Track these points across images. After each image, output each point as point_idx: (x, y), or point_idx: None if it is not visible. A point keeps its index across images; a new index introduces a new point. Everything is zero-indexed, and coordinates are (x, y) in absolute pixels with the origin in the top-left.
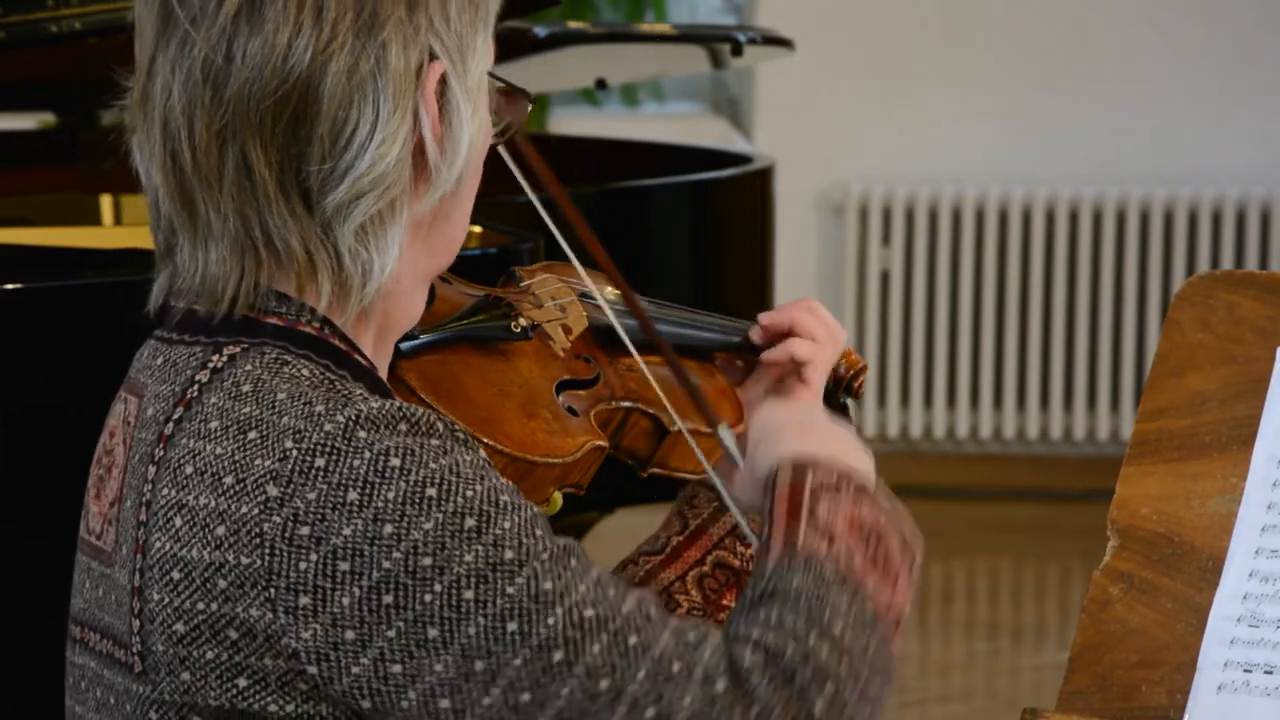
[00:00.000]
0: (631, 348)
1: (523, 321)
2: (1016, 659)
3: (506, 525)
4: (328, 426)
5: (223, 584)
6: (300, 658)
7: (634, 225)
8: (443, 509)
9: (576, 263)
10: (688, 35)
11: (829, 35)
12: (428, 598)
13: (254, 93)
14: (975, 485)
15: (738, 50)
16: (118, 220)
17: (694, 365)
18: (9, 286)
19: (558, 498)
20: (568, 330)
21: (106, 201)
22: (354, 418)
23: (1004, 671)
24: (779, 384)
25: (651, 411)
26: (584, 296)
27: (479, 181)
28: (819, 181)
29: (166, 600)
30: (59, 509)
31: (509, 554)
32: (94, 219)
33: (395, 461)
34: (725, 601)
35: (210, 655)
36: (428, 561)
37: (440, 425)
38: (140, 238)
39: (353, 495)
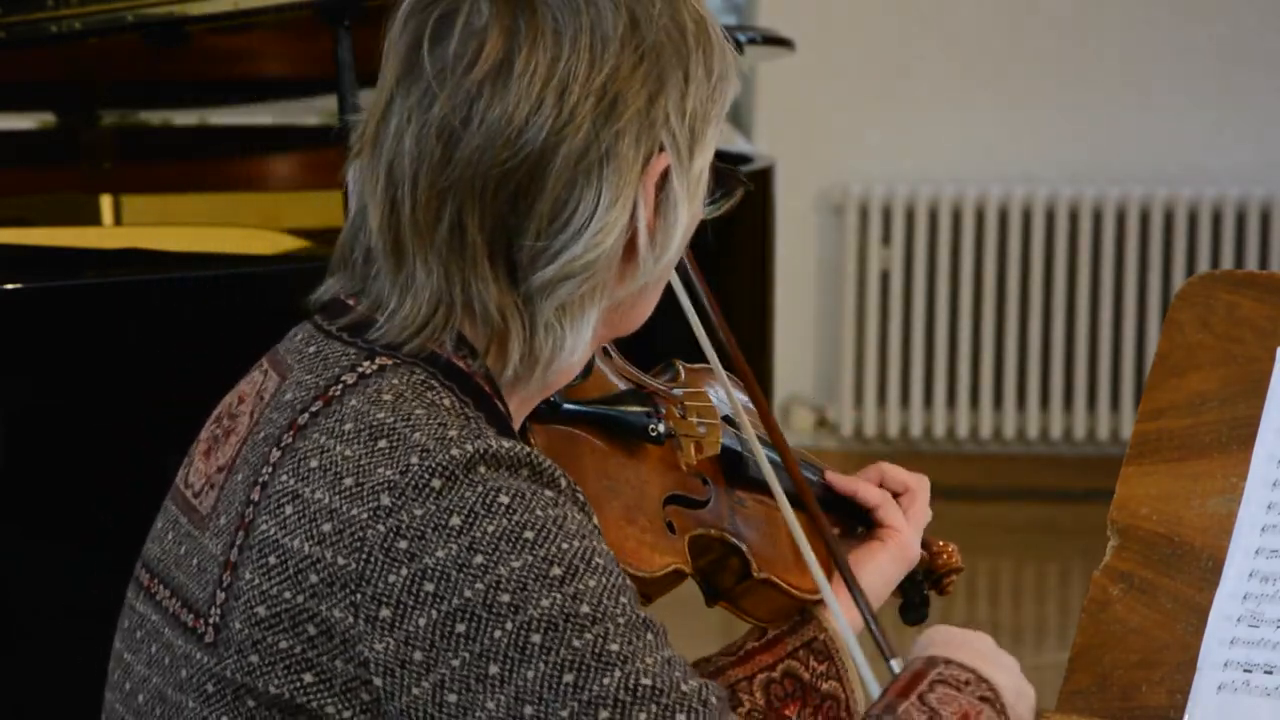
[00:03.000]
0: (777, 490)
1: (661, 428)
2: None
3: (591, 584)
4: (455, 451)
5: (314, 579)
6: (369, 667)
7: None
8: (534, 553)
9: (729, 388)
10: None
11: (829, 35)
12: (497, 634)
13: (484, 160)
14: (975, 485)
15: (738, 50)
16: (118, 220)
17: (803, 518)
18: (9, 286)
19: None
20: (699, 448)
21: (106, 201)
22: (482, 451)
23: None
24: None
25: (746, 553)
26: (725, 419)
27: (674, 266)
28: (819, 181)
29: (257, 582)
30: (59, 509)
31: (585, 609)
32: (94, 219)
33: (504, 500)
34: (787, 712)
35: (284, 645)
36: (506, 599)
37: (563, 481)
38: (140, 238)
39: (455, 520)
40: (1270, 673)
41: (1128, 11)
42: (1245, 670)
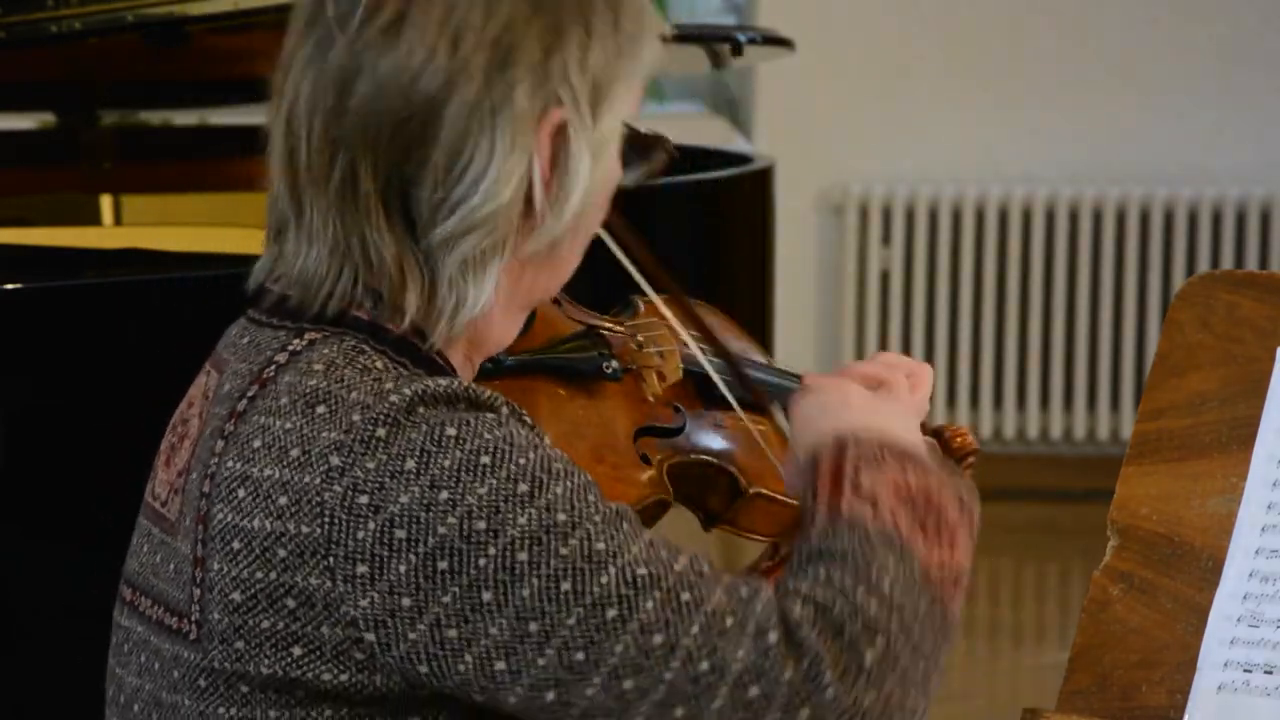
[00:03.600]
0: (734, 403)
1: (615, 363)
2: (1016, 659)
3: (559, 490)
4: (393, 398)
5: (282, 553)
6: (358, 625)
7: (633, 225)
8: (496, 475)
9: (695, 308)
10: (688, 35)
11: (829, 35)
12: (482, 562)
13: (377, 108)
14: (975, 485)
15: (738, 50)
16: (118, 220)
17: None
18: (9, 286)
19: None
20: (661, 377)
21: (106, 201)
22: (418, 393)
23: (1004, 671)
24: None
25: (732, 470)
26: (690, 341)
27: (597, 225)
28: (819, 181)
29: (226, 569)
30: (59, 509)
31: (562, 516)
32: (94, 219)
33: (451, 431)
34: None
35: (266, 624)
36: (482, 525)
37: (500, 402)
38: (140, 238)
39: (410, 464)
40: (1270, 673)
41: (1128, 11)
42: (1245, 670)
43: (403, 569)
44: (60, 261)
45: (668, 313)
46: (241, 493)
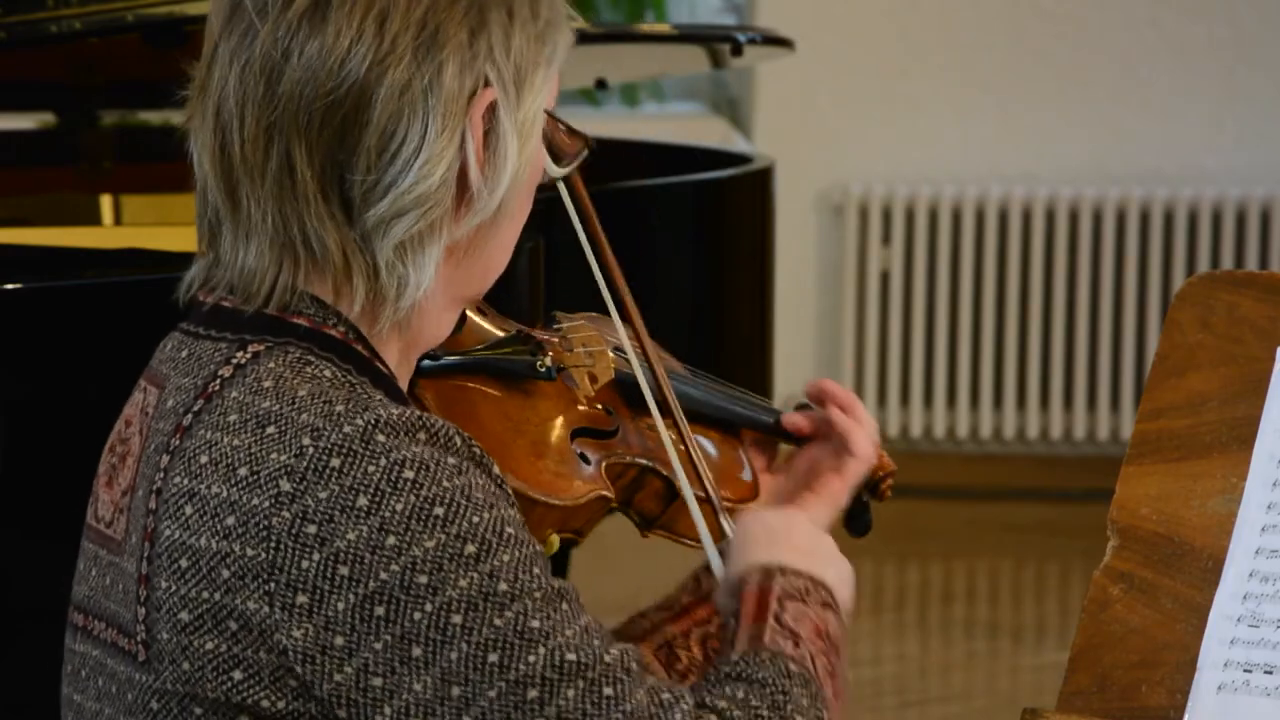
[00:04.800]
0: (654, 408)
1: (548, 362)
2: (1016, 659)
3: (505, 558)
4: (347, 428)
5: (226, 574)
6: (289, 655)
7: (634, 225)
8: (446, 530)
9: (616, 316)
10: (688, 35)
11: (829, 35)
12: (417, 616)
13: (306, 94)
14: (975, 485)
15: (738, 50)
16: (118, 220)
17: (716, 436)
18: (9, 286)
19: (555, 540)
20: (593, 379)
21: (106, 201)
22: (374, 421)
23: (1004, 671)
24: (805, 478)
25: (665, 474)
26: (617, 350)
27: (525, 215)
28: (819, 181)
29: (173, 588)
30: (59, 509)
31: (503, 586)
32: (94, 219)
33: (409, 474)
34: None
35: (210, 646)
36: (423, 580)
37: (459, 440)
38: (140, 238)
39: (363, 500)
40: (1270, 673)
41: (1128, 11)
42: (1245, 670)
43: (340, 606)
44: (60, 261)
45: (608, 297)
46: (189, 509)
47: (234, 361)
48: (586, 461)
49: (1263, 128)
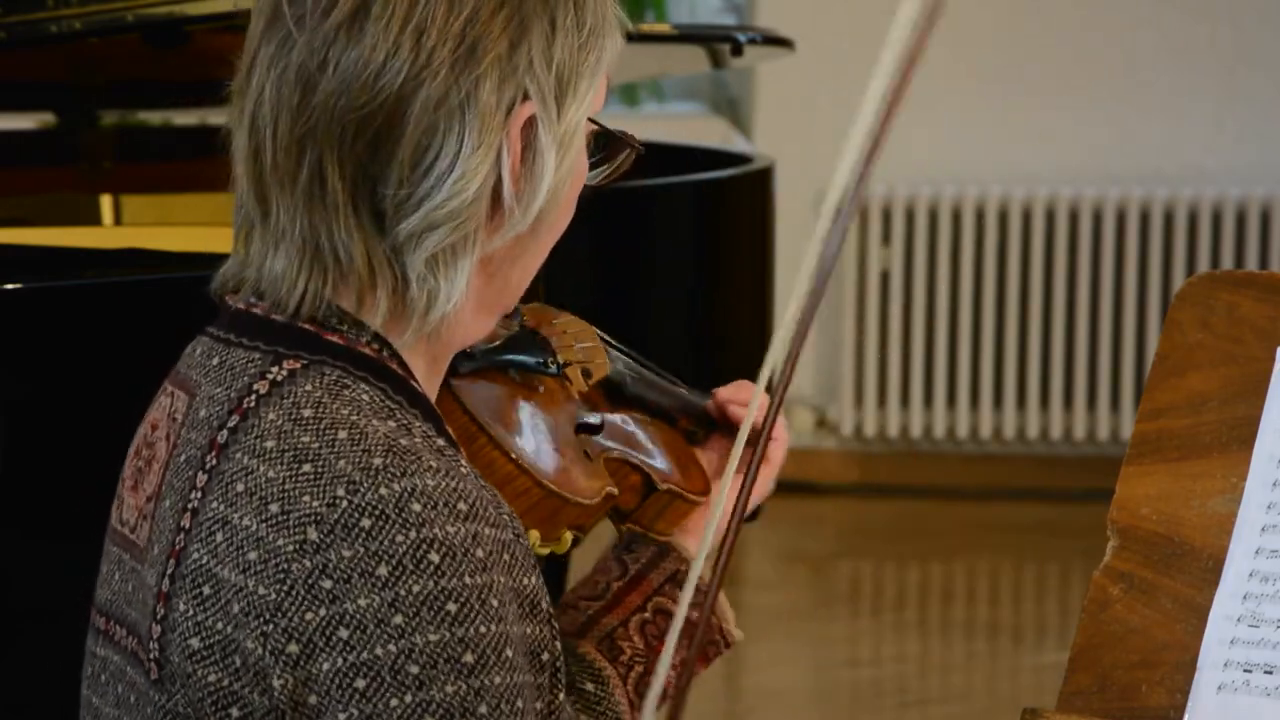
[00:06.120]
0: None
1: (559, 358)
2: (1016, 659)
3: (496, 680)
4: (384, 490)
5: (237, 608)
6: (273, 696)
7: (634, 225)
8: (453, 630)
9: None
10: (688, 35)
11: (829, 35)
12: (394, 702)
13: (340, 105)
14: (975, 485)
15: (738, 50)
16: (118, 220)
17: (663, 428)
18: (9, 286)
19: (568, 538)
20: (588, 375)
21: (106, 201)
22: (410, 490)
23: (1004, 671)
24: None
25: (644, 468)
26: (605, 343)
27: (566, 223)
28: (819, 181)
29: (190, 612)
30: (59, 509)
31: (483, 709)
32: (94, 219)
33: (434, 557)
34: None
35: (213, 678)
36: (414, 671)
37: (493, 512)
38: (140, 238)
39: (383, 570)
40: (1270, 673)
41: (1128, 11)
42: (1245, 670)
43: (325, 666)
44: (60, 261)
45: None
46: (220, 536)
47: (269, 377)
48: (589, 458)
49: (1263, 128)
